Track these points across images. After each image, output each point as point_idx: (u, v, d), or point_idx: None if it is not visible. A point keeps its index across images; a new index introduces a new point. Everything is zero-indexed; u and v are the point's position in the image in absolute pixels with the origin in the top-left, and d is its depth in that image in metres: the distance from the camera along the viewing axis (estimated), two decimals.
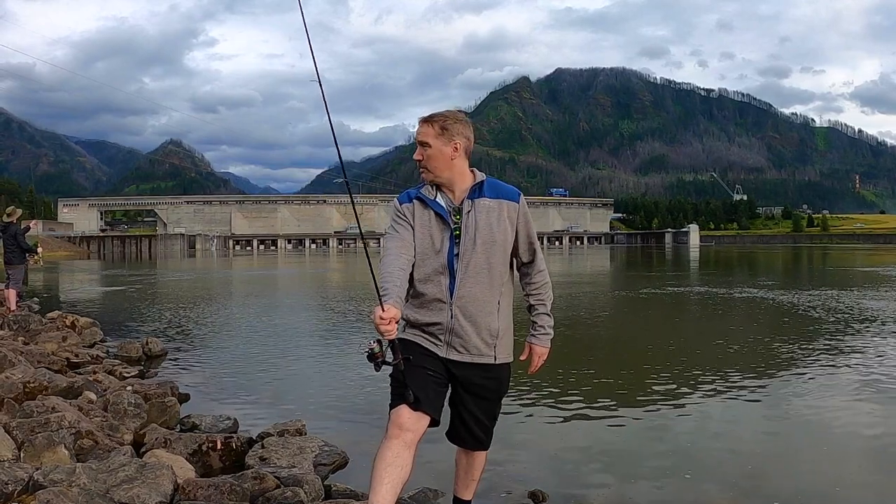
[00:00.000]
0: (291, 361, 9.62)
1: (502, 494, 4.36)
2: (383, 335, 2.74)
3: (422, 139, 3.07)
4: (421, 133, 3.08)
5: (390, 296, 2.80)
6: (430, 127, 3.07)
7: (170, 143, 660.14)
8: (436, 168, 3.08)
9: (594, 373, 8.56)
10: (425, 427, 2.93)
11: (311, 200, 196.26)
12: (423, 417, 2.91)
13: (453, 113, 3.15)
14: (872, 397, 6.86)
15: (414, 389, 2.88)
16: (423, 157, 3.08)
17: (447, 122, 3.08)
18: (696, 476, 4.70)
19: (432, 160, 3.07)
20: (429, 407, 2.93)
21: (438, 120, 3.08)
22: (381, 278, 2.87)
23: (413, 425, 2.87)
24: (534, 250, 3.26)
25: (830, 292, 19.39)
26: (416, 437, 2.89)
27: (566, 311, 15.95)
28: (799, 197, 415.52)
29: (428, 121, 3.10)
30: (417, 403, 2.88)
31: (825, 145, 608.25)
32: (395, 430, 2.86)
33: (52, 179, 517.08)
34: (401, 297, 2.86)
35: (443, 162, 3.07)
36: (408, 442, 2.85)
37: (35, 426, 4.64)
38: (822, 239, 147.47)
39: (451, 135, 3.07)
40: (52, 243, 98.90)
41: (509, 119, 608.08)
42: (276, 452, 4.91)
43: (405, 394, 2.89)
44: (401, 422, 2.86)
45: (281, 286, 30.41)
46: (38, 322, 11.68)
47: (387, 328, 2.70)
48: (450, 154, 3.07)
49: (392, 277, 2.90)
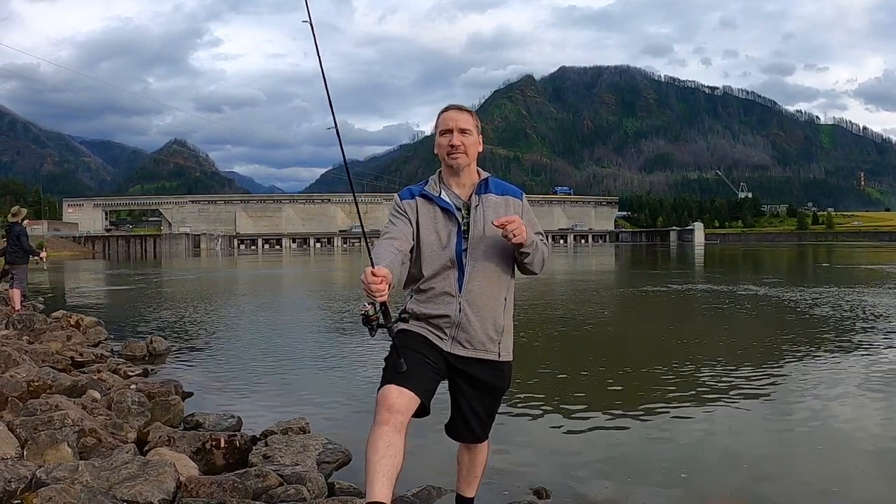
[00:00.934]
0: (295, 360, 9.63)
1: (504, 492, 4.35)
2: (374, 295, 2.68)
3: (464, 126, 3.12)
4: (462, 120, 3.13)
5: (381, 261, 2.80)
6: (470, 116, 3.18)
7: (174, 142, 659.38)
8: (472, 155, 3.16)
9: (598, 371, 8.56)
10: (414, 408, 2.88)
11: (315, 200, 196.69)
12: (412, 398, 2.86)
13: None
14: (876, 397, 6.82)
15: (402, 369, 2.84)
16: (462, 143, 3.10)
17: (477, 116, 3.23)
18: (696, 476, 4.69)
19: (472, 147, 3.16)
20: (416, 386, 2.88)
21: (472, 112, 3.21)
22: (373, 253, 2.86)
23: (402, 406, 2.82)
24: (541, 238, 3.22)
25: (834, 290, 19.35)
26: (406, 420, 2.84)
27: (570, 309, 15.96)
28: (804, 195, 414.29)
29: (466, 110, 3.20)
30: (405, 380, 2.83)
31: (830, 143, 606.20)
32: (385, 413, 2.80)
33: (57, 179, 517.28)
34: (393, 266, 2.82)
35: (476, 151, 3.18)
36: (398, 426, 2.79)
37: (38, 424, 4.64)
38: (826, 237, 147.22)
39: (480, 129, 3.23)
40: (57, 243, 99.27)
41: (514, 117, 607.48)
42: (280, 450, 4.92)
43: (397, 363, 2.84)
44: (389, 402, 2.81)
45: (285, 285, 30.47)
46: (43, 321, 11.71)
47: (378, 287, 2.65)
48: (479, 146, 3.20)
49: (383, 251, 2.92)
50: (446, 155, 3.13)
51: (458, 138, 3.10)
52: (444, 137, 3.13)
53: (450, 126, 3.12)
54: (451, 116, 3.14)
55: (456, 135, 3.11)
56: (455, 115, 3.14)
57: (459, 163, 3.12)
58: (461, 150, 3.10)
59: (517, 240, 2.93)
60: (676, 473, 4.70)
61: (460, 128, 3.11)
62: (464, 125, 3.12)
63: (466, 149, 3.11)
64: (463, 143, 3.10)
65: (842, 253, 60.42)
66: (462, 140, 3.10)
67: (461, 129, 3.11)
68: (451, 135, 3.11)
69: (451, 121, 3.13)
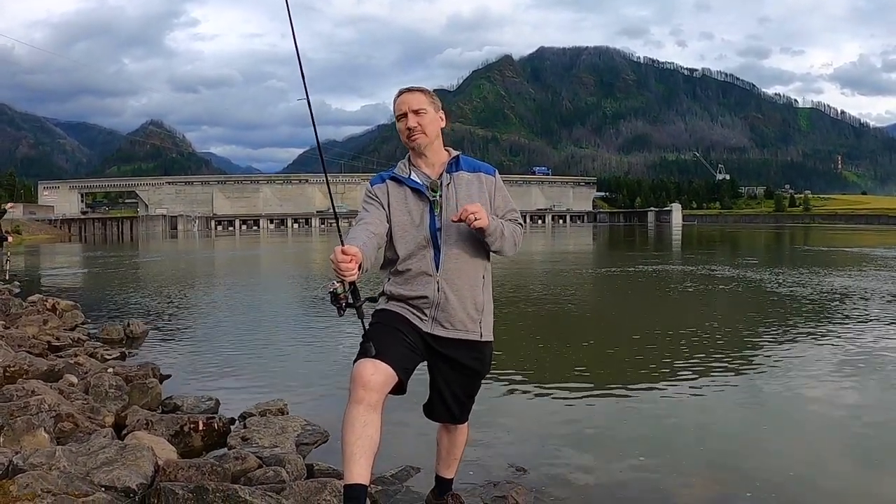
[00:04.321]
0: (273, 341, 9.61)
1: (484, 471, 4.37)
2: (344, 274, 2.68)
3: (416, 106, 3.10)
4: (413, 101, 3.12)
5: (354, 243, 2.81)
6: (421, 95, 3.15)
7: (150, 123, 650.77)
8: (432, 133, 3.14)
9: (575, 352, 8.63)
10: (391, 385, 2.85)
11: (293, 180, 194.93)
12: (388, 374, 2.82)
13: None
14: (851, 378, 6.90)
15: (377, 345, 2.84)
16: (418, 124, 3.09)
17: (432, 93, 3.20)
18: (674, 456, 4.73)
19: (431, 125, 3.13)
20: (394, 361, 2.85)
21: (425, 90, 3.18)
22: (346, 237, 2.87)
23: (377, 384, 2.78)
24: (515, 215, 3.26)
25: (811, 272, 19.59)
26: (382, 397, 2.81)
27: (548, 288, 16.02)
28: (781, 177, 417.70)
29: (417, 90, 3.17)
30: (381, 355, 2.81)
31: (808, 126, 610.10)
32: (360, 391, 2.76)
33: (32, 162, 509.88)
34: (365, 248, 2.84)
35: (436, 128, 3.16)
36: (373, 404, 2.76)
37: (14, 410, 4.60)
38: (803, 219, 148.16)
39: (438, 105, 3.19)
40: (33, 226, 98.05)
41: (492, 98, 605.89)
42: (258, 432, 4.92)
43: (367, 347, 2.84)
44: (364, 380, 2.77)
45: (262, 266, 30.33)
46: (19, 306, 11.61)
47: (347, 266, 2.66)
48: (439, 122, 3.18)
49: (357, 234, 2.95)
50: (407, 139, 3.13)
51: (414, 119, 3.10)
52: (401, 122, 3.14)
53: (403, 110, 3.12)
54: (402, 100, 3.14)
55: (411, 117, 3.10)
56: (406, 98, 3.14)
57: (420, 143, 3.12)
58: (419, 131, 3.10)
59: (479, 224, 2.92)
60: (655, 454, 4.74)
61: (413, 109, 3.10)
62: (416, 105, 3.11)
63: (424, 128, 3.10)
64: (419, 123, 3.10)
65: (819, 236, 60.99)
66: (418, 121, 3.10)
67: (414, 109, 3.10)
68: (407, 118, 3.12)
69: (404, 104, 3.13)
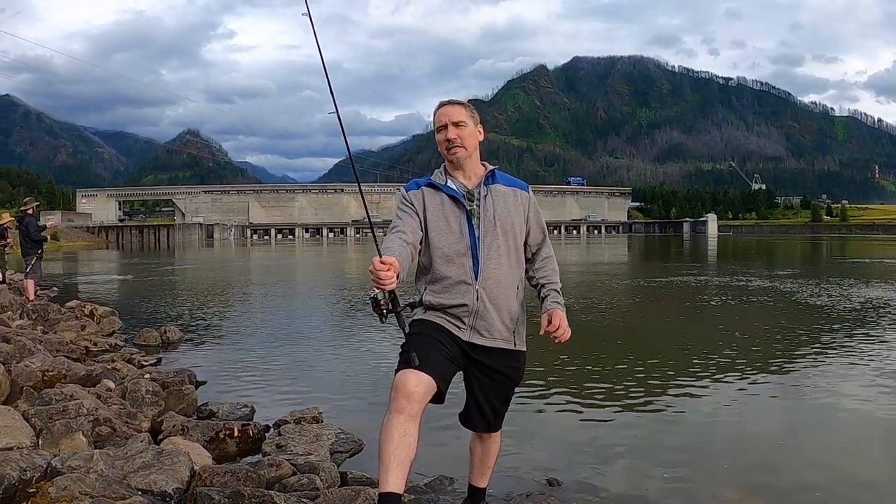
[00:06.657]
0: (308, 349, 9.65)
1: (517, 481, 4.35)
2: (383, 282, 2.67)
3: (457, 119, 3.14)
4: (454, 114, 3.15)
5: (390, 252, 2.82)
6: (462, 108, 3.19)
7: (187, 133, 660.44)
8: (471, 146, 3.17)
9: (610, 362, 8.52)
10: (431, 395, 2.84)
11: (328, 189, 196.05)
12: (430, 385, 2.82)
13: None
14: (889, 394, 6.72)
15: (419, 354, 2.83)
16: (457, 136, 3.12)
17: (472, 108, 3.23)
18: (709, 470, 4.66)
19: (470, 138, 3.16)
20: (435, 371, 2.85)
21: (466, 104, 3.21)
22: (381, 246, 2.85)
23: (419, 395, 2.77)
24: (544, 235, 3.34)
25: (848, 283, 19.22)
26: (422, 407, 2.81)
27: (583, 299, 15.91)
28: (818, 187, 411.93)
29: (458, 103, 3.20)
30: (424, 365, 2.81)
31: (844, 135, 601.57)
32: (402, 400, 2.76)
33: (70, 170, 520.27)
34: (402, 258, 2.85)
35: (475, 142, 3.19)
36: (413, 414, 2.76)
37: (53, 413, 4.66)
38: (840, 229, 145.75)
39: (477, 119, 3.22)
40: (71, 233, 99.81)
41: (527, 108, 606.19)
42: (293, 440, 4.94)
43: (410, 357, 2.82)
44: (408, 390, 2.76)
45: (298, 275, 30.52)
46: (57, 311, 11.78)
47: (386, 274, 2.65)
48: (478, 136, 3.21)
49: (391, 243, 2.95)
50: (446, 150, 3.15)
51: (454, 132, 3.12)
52: (440, 134, 3.17)
53: (443, 122, 3.15)
54: (443, 112, 3.17)
55: (451, 129, 3.13)
56: (447, 110, 3.16)
57: (459, 156, 3.14)
58: (458, 144, 3.13)
59: (566, 337, 3.09)
60: (689, 465, 4.68)
61: (453, 121, 3.13)
62: (456, 118, 3.14)
63: (463, 141, 3.13)
64: (459, 135, 3.12)
65: (856, 246, 59.88)
66: (458, 133, 3.12)
67: (454, 122, 3.13)
68: (447, 130, 3.13)
69: (444, 116, 3.15)
